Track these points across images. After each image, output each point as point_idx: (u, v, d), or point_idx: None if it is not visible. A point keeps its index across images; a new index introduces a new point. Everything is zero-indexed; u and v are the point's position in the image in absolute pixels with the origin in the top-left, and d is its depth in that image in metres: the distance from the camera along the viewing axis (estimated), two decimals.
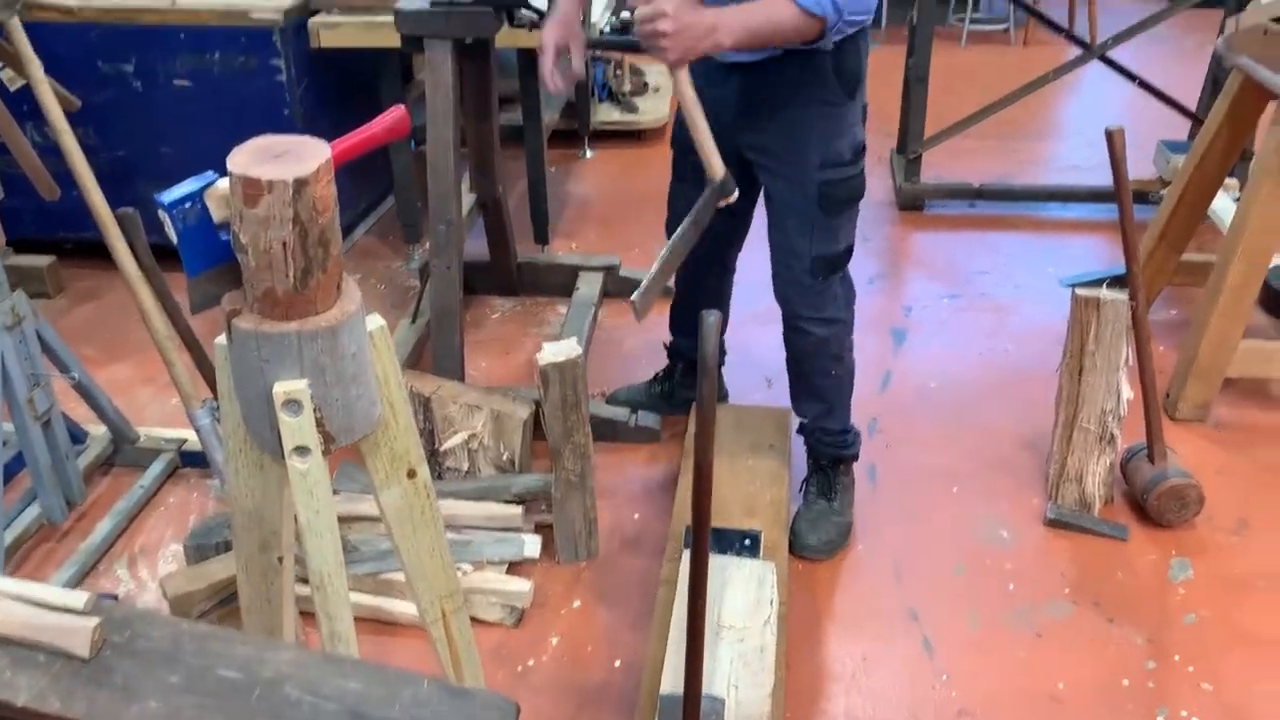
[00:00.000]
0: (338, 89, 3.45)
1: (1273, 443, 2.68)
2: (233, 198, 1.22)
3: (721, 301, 2.59)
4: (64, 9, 2.53)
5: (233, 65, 3.14)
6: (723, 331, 2.56)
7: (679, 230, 2.04)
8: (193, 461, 2.59)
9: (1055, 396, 2.41)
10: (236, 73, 3.15)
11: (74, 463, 2.42)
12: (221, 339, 1.35)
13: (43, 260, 3.39)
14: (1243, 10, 2.75)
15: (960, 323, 3.26)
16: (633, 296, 1.99)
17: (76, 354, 2.41)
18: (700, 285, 2.54)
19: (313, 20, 3.14)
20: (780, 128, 2.09)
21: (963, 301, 3.38)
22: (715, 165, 1.96)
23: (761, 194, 2.25)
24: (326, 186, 1.25)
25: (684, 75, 1.90)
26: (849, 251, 2.21)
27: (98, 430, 2.59)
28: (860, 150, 2.14)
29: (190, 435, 2.51)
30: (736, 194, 2.00)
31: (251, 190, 1.19)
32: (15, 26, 2.11)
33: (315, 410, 1.31)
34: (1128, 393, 2.31)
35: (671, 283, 2.57)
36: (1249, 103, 2.72)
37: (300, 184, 1.20)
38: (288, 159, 1.23)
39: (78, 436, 2.54)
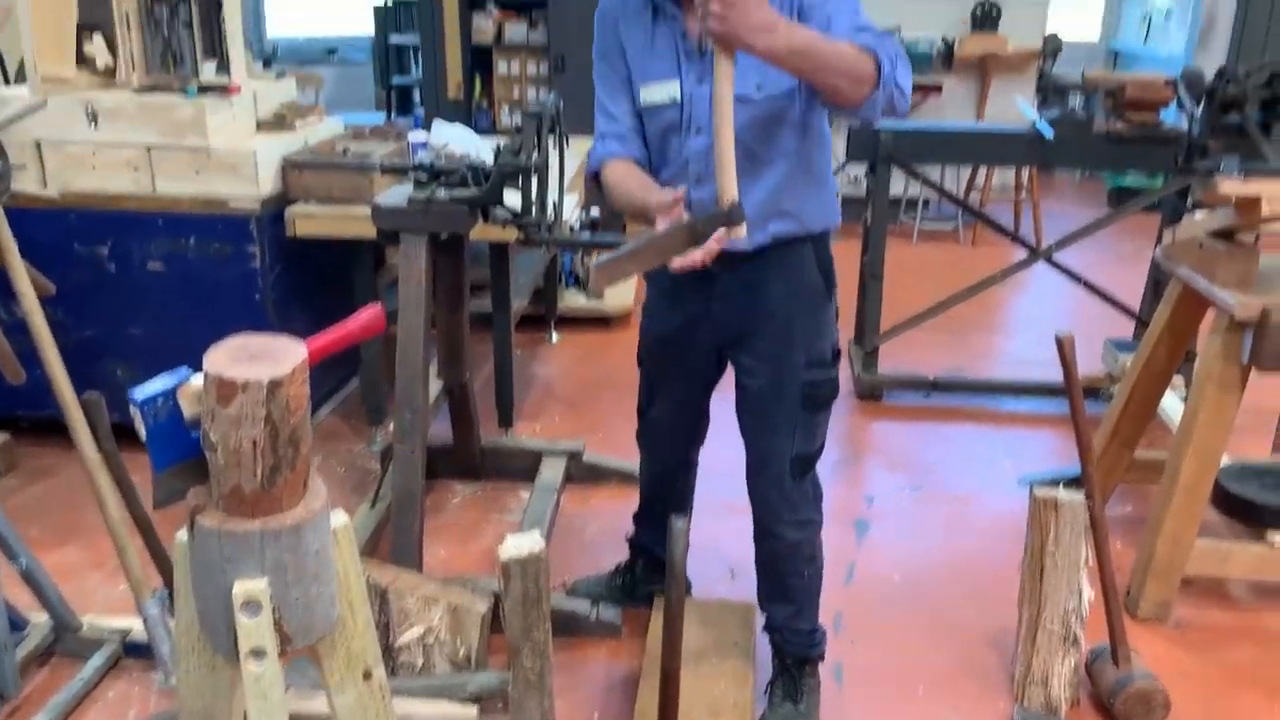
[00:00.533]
0: (310, 275, 3.51)
1: (1235, 644, 2.68)
2: (206, 396, 1.23)
3: (686, 498, 2.60)
4: (46, 198, 2.60)
5: (208, 251, 3.20)
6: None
7: (670, 228, 1.79)
8: (137, 652, 2.48)
9: (1018, 595, 2.41)
10: (211, 258, 3.21)
11: (11, 654, 2.31)
12: (182, 534, 1.33)
13: None
14: (1178, 222, 2.91)
15: (922, 514, 3.28)
16: (595, 262, 1.77)
17: (25, 534, 2.34)
18: (666, 483, 2.55)
19: (290, 210, 3.23)
20: (768, 326, 2.11)
21: (924, 493, 3.41)
22: (729, 188, 1.76)
23: (736, 395, 2.25)
24: (300, 386, 1.26)
25: (726, 69, 1.71)
26: (822, 449, 2.24)
27: (39, 618, 2.49)
28: (838, 353, 2.18)
29: (135, 625, 2.42)
30: (745, 229, 1.79)
31: (225, 390, 1.21)
32: None
33: (274, 610, 1.28)
34: (1089, 592, 2.31)
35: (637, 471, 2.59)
36: (1189, 308, 2.84)
37: (275, 385, 1.22)
38: (263, 359, 1.25)
39: (18, 624, 2.44)
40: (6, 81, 4.16)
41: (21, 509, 3.11)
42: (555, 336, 4.67)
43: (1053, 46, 6.27)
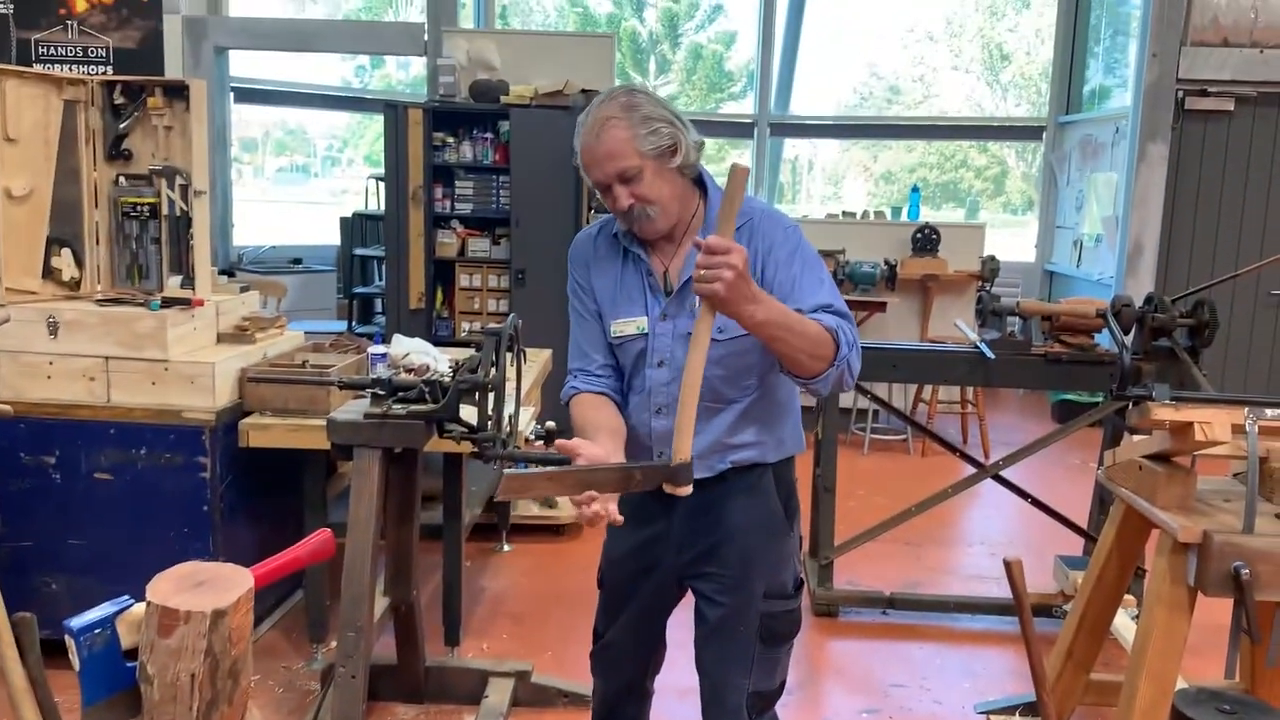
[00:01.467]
0: (260, 484, 3.48)
1: None
2: (146, 627, 1.21)
3: None
4: (1, 413, 2.59)
5: (158, 461, 3.17)
6: None
7: (599, 467, 1.82)
8: None
9: None
10: (160, 468, 3.18)
11: None
12: None
13: None
14: (1119, 443, 2.99)
15: None
16: (508, 470, 1.79)
17: None
18: (620, 712, 2.45)
19: (244, 421, 3.23)
20: (728, 551, 2.10)
21: (883, 716, 3.33)
22: (684, 448, 1.78)
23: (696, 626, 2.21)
24: (245, 617, 1.24)
25: (707, 325, 1.78)
26: (782, 688, 2.19)
27: None
28: (800, 585, 2.17)
29: None
30: (689, 489, 1.81)
31: (168, 620, 1.18)
32: None
33: None
34: None
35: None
36: (1134, 527, 2.88)
37: (219, 615, 1.20)
38: (208, 587, 1.23)
39: None
40: None
41: None
42: (506, 546, 4.61)
43: (990, 269, 6.59)
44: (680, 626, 2.27)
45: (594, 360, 2.15)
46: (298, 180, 11.83)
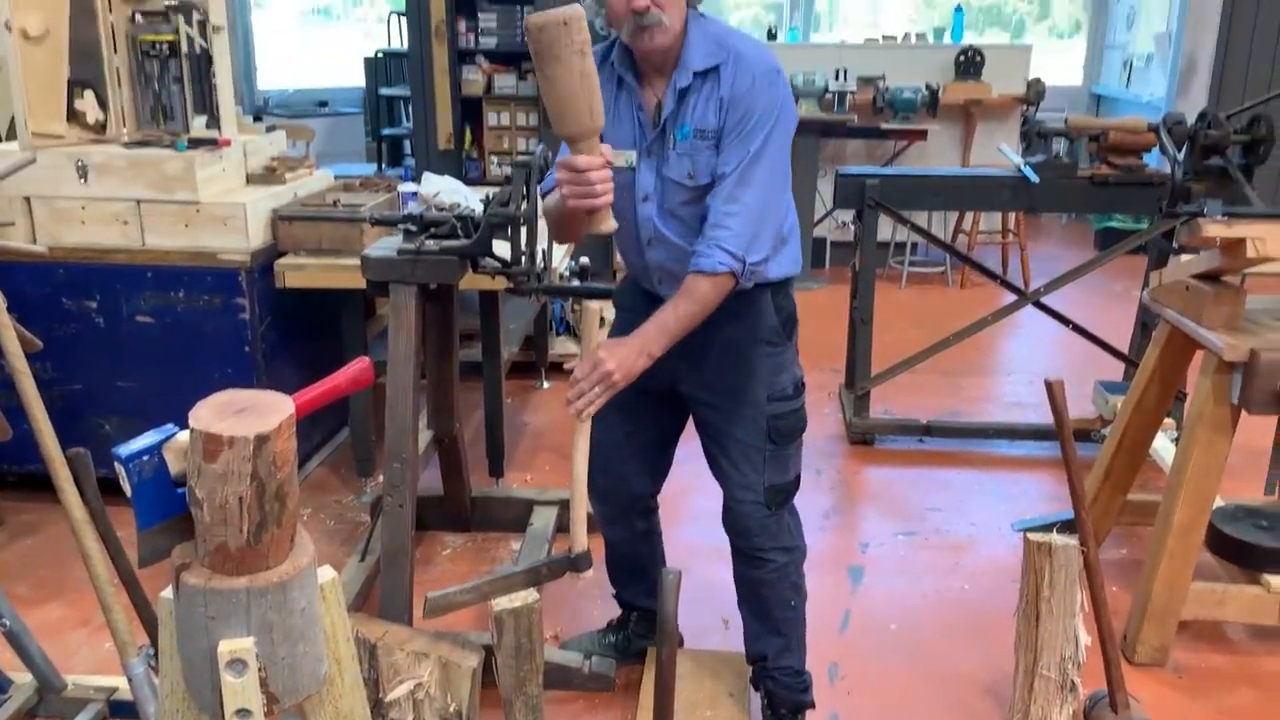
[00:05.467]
0: (299, 326, 3.51)
1: (1233, 688, 2.66)
2: (191, 452, 1.22)
3: (653, 545, 2.57)
4: (35, 254, 2.60)
5: (197, 303, 3.20)
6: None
7: (510, 573, 2.12)
8: (123, 711, 2.44)
9: (1014, 642, 2.39)
10: (200, 310, 3.21)
11: None
12: (167, 593, 1.31)
13: None
14: (1164, 265, 2.93)
15: (917, 561, 3.26)
16: (431, 595, 2.07)
17: (9, 591, 2.31)
18: (628, 533, 2.52)
19: (279, 262, 3.23)
20: (727, 367, 2.16)
21: (918, 539, 3.39)
22: (581, 538, 2.05)
23: (700, 434, 2.27)
24: (287, 441, 1.25)
25: (586, 432, 2.05)
26: (797, 481, 2.26)
27: (23, 678, 2.45)
28: (800, 385, 2.23)
29: (121, 683, 2.38)
30: (590, 573, 2.12)
31: (212, 446, 1.20)
32: None
33: (260, 669, 1.26)
34: (1085, 638, 2.29)
35: (600, 533, 2.53)
36: (1178, 349, 2.85)
37: (261, 440, 1.21)
38: (250, 414, 1.24)
39: (1, 685, 2.40)
40: None
41: (5, 566, 3.08)
42: (546, 383, 4.66)
43: (1036, 91, 6.34)
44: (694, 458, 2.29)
45: None
46: (319, 23, 11.52)
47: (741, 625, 2.41)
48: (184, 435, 1.30)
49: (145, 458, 1.28)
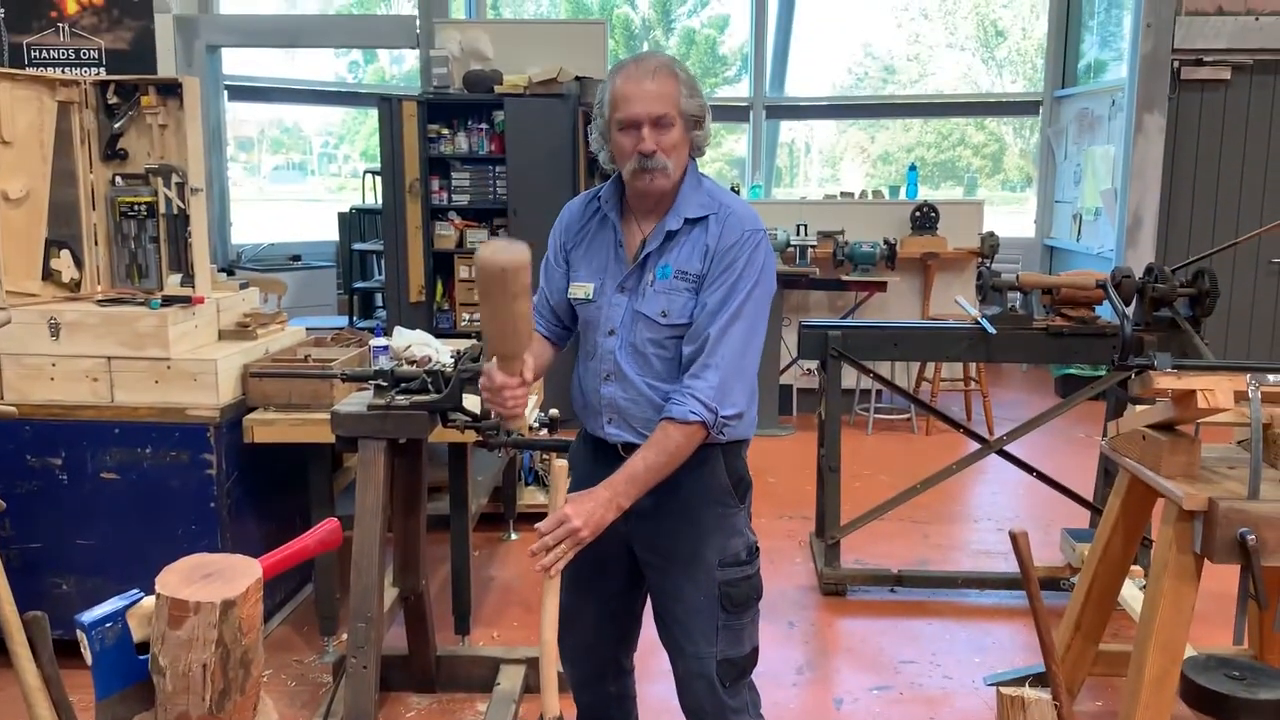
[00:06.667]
0: (266, 480, 3.49)
1: None
2: (156, 619, 1.21)
3: (626, 711, 2.48)
4: (3, 413, 2.60)
5: (163, 460, 3.18)
6: None
7: None
8: None
9: None
10: (166, 467, 3.19)
11: None
12: None
13: None
14: (1122, 414, 2.99)
15: (891, 717, 3.20)
16: None
17: None
18: (600, 693, 2.43)
19: (248, 417, 3.24)
20: (677, 528, 2.13)
21: (892, 693, 3.34)
22: (551, 704, 2.00)
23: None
24: (254, 607, 1.25)
25: (556, 592, 2.03)
26: (754, 654, 2.19)
27: None
28: (754, 550, 2.19)
29: None
30: None
31: (177, 611, 1.19)
32: None
33: None
34: None
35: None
36: (1140, 497, 2.88)
37: (228, 605, 1.20)
38: (216, 579, 1.24)
39: None
40: None
41: None
42: (514, 534, 4.63)
43: (991, 244, 6.57)
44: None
45: (540, 302, 2.25)
46: (294, 178, 11.81)
47: None
48: (149, 601, 1.29)
49: (109, 624, 1.27)
